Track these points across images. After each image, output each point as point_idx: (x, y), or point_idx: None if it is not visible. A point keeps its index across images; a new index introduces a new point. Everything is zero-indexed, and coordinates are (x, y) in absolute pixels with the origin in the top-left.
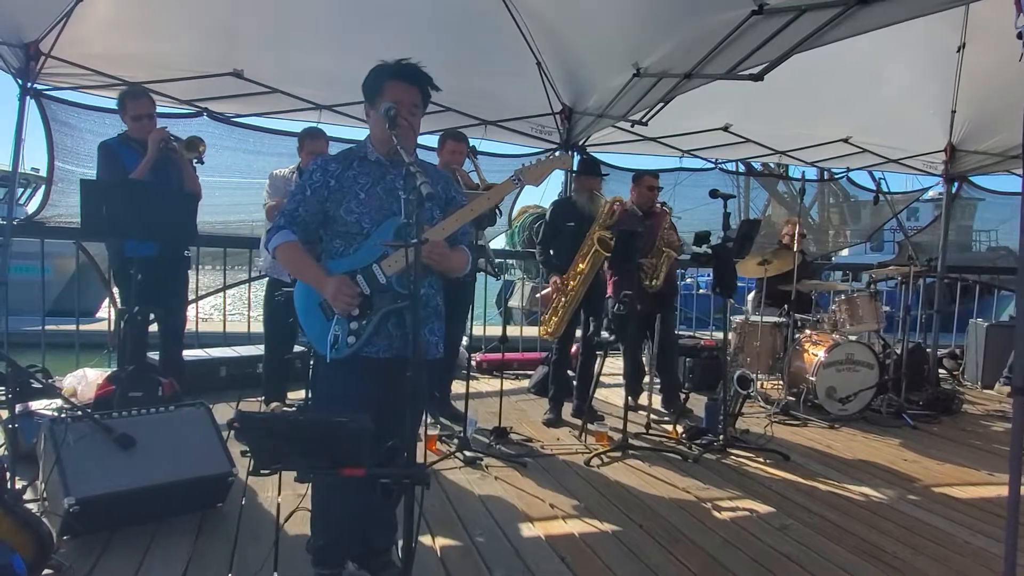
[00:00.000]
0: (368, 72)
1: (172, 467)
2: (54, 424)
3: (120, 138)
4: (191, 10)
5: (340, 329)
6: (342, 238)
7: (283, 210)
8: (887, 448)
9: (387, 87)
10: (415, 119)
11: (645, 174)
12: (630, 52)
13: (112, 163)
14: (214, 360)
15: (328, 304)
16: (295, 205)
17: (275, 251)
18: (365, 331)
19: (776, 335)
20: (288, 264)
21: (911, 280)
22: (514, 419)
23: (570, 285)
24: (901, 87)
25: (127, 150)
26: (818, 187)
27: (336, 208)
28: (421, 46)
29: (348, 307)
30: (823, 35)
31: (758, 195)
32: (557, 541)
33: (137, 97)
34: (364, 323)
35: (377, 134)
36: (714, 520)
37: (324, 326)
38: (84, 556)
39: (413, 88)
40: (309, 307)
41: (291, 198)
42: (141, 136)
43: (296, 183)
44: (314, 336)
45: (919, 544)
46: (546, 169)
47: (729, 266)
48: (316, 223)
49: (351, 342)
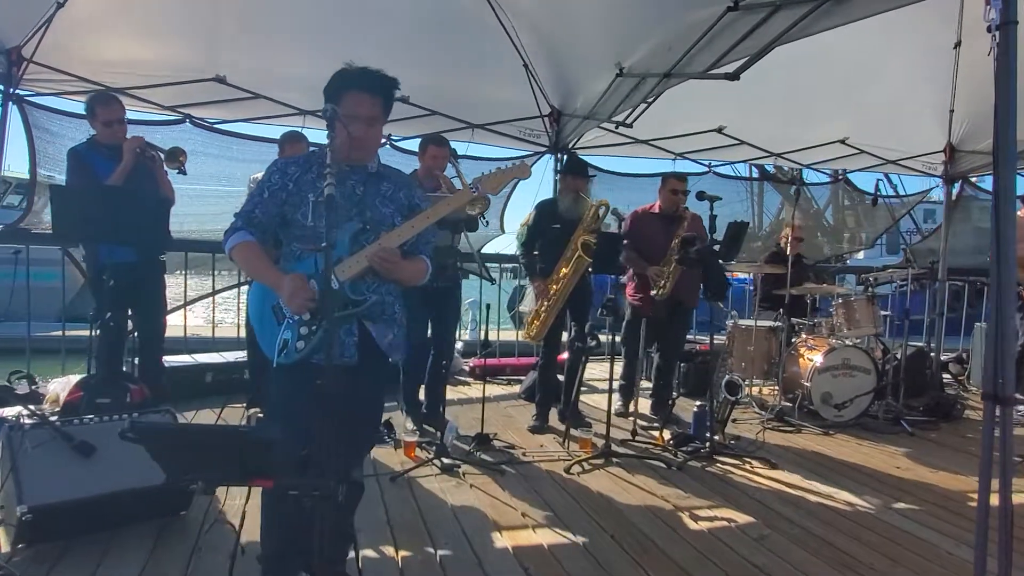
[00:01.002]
0: (331, 76)
1: (133, 474)
2: (12, 431)
3: (89, 143)
4: (173, 16)
5: (290, 334)
6: (299, 241)
7: (240, 211)
8: (880, 455)
9: (346, 97)
10: (373, 131)
11: (670, 176)
12: (613, 52)
13: (81, 169)
14: (200, 366)
15: (280, 308)
16: (252, 206)
17: (231, 252)
18: (315, 336)
19: (771, 339)
20: (244, 265)
21: (910, 283)
22: (500, 425)
23: (552, 289)
24: (898, 86)
25: (96, 155)
26: (832, 189)
27: (294, 211)
28: (406, 49)
29: (304, 308)
30: (800, 30)
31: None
32: (523, 551)
33: (107, 102)
34: (314, 328)
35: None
36: (689, 530)
37: (276, 330)
38: (37, 564)
39: (375, 99)
40: (262, 311)
41: (249, 199)
42: (111, 141)
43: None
44: (264, 341)
45: (900, 555)
46: (504, 178)
47: (717, 270)
48: (273, 225)
49: (300, 347)
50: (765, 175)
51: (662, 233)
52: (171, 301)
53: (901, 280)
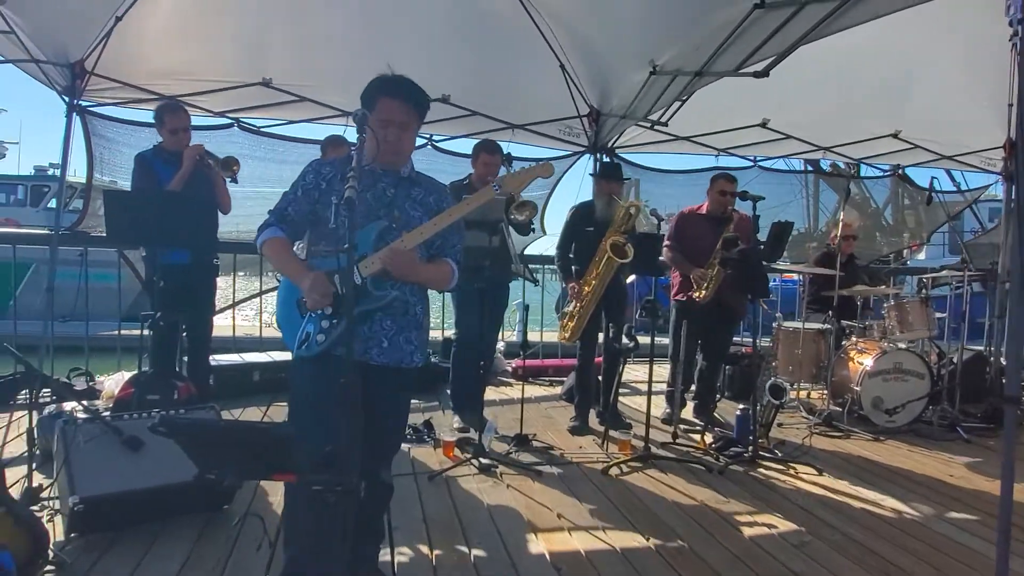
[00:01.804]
0: (368, 82)
1: (178, 469)
2: (66, 425)
3: (155, 150)
4: (222, 23)
5: (312, 327)
6: (327, 239)
7: (274, 208)
8: (933, 463)
9: (379, 103)
10: (407, 135)
11: (720, 177)
12: (646, 50)
13: (146, 174)
14: (248, 364)
15: (304, 302)
16: (285, 204)
17: (263, 247)
18: (336, 330)
19: (820, 342)
20: (273, 259)
21: (966, 284)
22: (540, 426)
23: (584, 291)
24: (953, 79)
25: (160, 161)
26: (891, 187)
27: (324, 211)
28: (447, 51)
29: (320, 302)
30: (826, 26)
31: (828, 197)
32: (557, 553)
33: (175, 111)
34: (335, 322)
35: (370, 148)
36: (727, 535)
37: (297, 323)
38: (87, 554)
39: (406, 106)
40: (288, 304)
41: (283, 197)
42: (176, 148)
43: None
44: (288, 333)
45: (946, 565)
46: (527, 177)
47: (759, 270)
48: (305, 223)
49: (320, 340)
50: (819, 171)
51: (710, 234)
52: (219, 302)
53: (957, 282)
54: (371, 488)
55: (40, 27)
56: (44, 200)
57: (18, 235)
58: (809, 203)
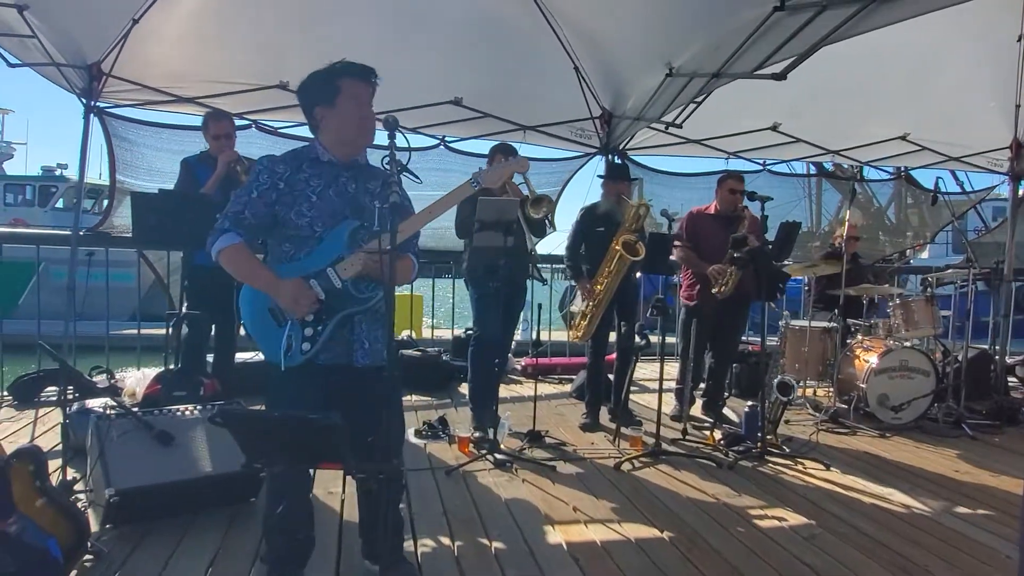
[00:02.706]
0: (306, 80)
1: (207, 463)
2: (99, 420)
3: (200, 156)
4: (239, 28)
5: (294, 335)
6: (292, 242)
7: (227, 212)
8: (940, 459)
9: (346, 85)
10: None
11: (729, 176)
12: (662, 52)
13: (188, 177)
14: (262, 362)
15: (279, 310)
16: (241, 207)
17: (219, 254)
18: (321, 337)
19: (826, 340)
20: (235, 268)
21: (971, 283)
22: (551, 423)
23: (597, 289)
24: (961, 80)
25: (203, 167)
26: (895, 187)
27: (287, 211)
28: (459, 53)
29: (303, 310)
30: (847, 30)
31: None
32: (575, 544)
33: (218, 118)
34: (320, 329)
35: (342, 135)
36: (739, 528)
37: (276, 332)
38: (122, 544)
39: (370, 88)
40: (257, 313)
41: (236, 200)
42: (218, 154)
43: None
44: (265, 344)
45: (956, 558)
46: (504, 172)
47: (768, 270)
48: (263, 226)
49: (306, 348)
50: (823, 172)
51: (720, 233)
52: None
53: (962, 280)
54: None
55: (59, 30)
56: (52, 200)
57: (41, 236)
58: (812, 203)
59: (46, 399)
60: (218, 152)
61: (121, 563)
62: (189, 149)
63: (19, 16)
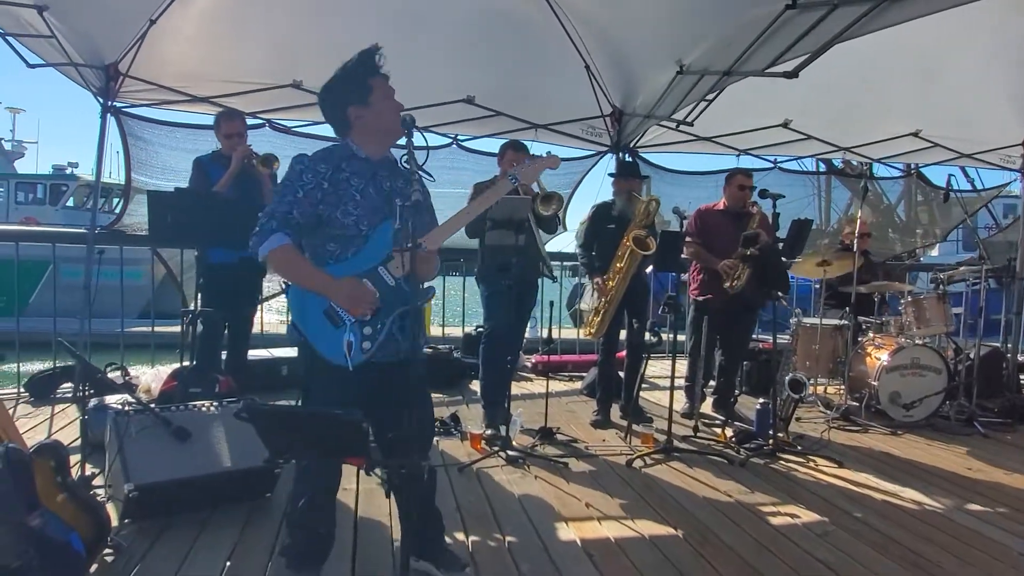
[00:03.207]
0: (337, 79)
1: (223, 458)
2: (118, 416)
3: (213, 155)
4: (253, 28)
5: (353, 335)
6: (336, 241)
7: (273, 212)
8: (951, 456)
9: (376, 83)
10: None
11: (737, 173)
12: (673, 50)
13: (200, 176)
14: (276, 360)
15: (334, 311)
16: (288, 207)
17: (269, 255)
18: (380, 335)
19: (838, 338)
20: (288, 269)
21: (983, 280)
22: (563, 420)
23: (609, 285)
24: (973, 77)
25: (216, 165)
26: (904, 184)
27: (332, 210)
28: (471, 52)
29: (363, 309)
30: (858, 28)
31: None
32: (588, 540)
33: (230, 117)
34: (379, 327)
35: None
36: (752, 524)
37: (334, 333)
38: (142, 538)
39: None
40: (309, 314)
41: (281, 200)
42: (230, 152)
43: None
44: (323, 344)
45: (968, 555)
46: (538, 168)
47: (779, 268)
48: (309, 226)
49: (367, 347)
50: (832, 169)
51: (729, 229)
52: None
53: (974, 278)
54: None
55: (78, 31)
56: (63, 199)
57: (57, 234)
58: (821, 200)
59: (62, 396)
60: (230, 151)
61: (141, 557)
62: (203, 148)
63: (39, 16)
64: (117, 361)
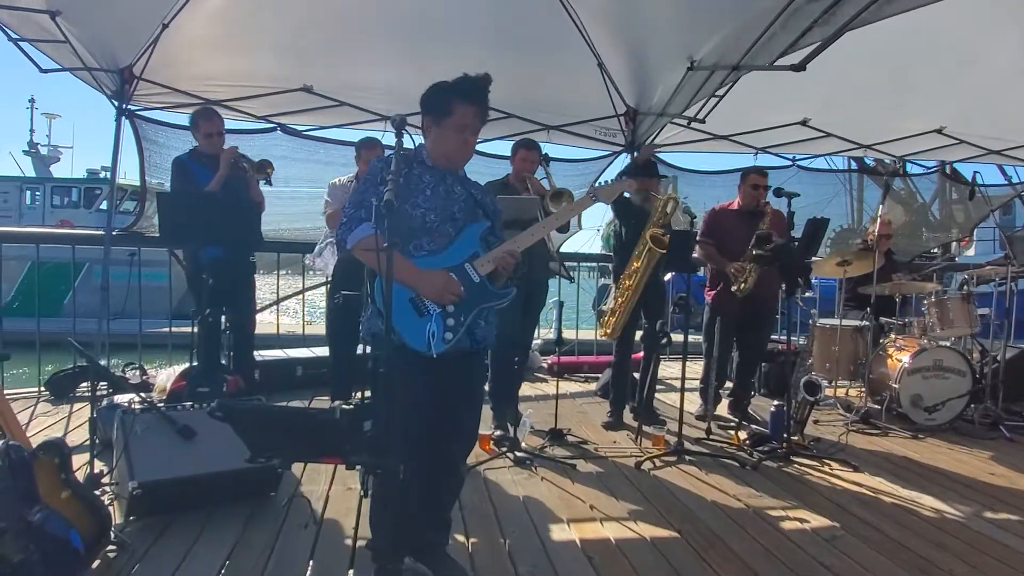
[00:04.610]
0: (432, 86)
1: (227, 457)
2: (124, 414)
3: (191, 153)
4: (266, 32)
5: (436, 326)
6: (418, 237)
7: (360, 203)
8: (974, 461)
9: (457, 109)
10: (474, 139)
11: (751, 172)
12: (685, 45)
13: (183, 176)
14: (291, 360)
15: (419, 301)
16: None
17: (360, 243)
18: (463, 326)
19: (858, 339)
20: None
21: (1009, 280)
22: (574, 421)
23: (626, 284)
24: (1000, 71)
25: (197, 164)
26: (939, 182)
27: (402, 203)
28: (482, 53)
29: (450, 300)
30: (870, 15)
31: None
32: (589, 542)
33: (209, 116)
34: (462, 319)
35: (442, 151)
36: (759, 528)
37: (417, 322)
38: (145, 535)
39: (482, 113)
40: (400, 306)
41: (363, 193)
42: (211, 152)
43: (363, 180)
44: (407, 332)
45: (983, 563)
46: (617, 190)
47: (793, 268)
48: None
49: (448, 338)
50: (864, 168)
51: (743, 229)
52: (263, 300)
53: (1001, 278)
54: (449, 479)
55: (92, 35)
56: (96, 202)
57: (75, 235)
58: (852, 200)
59: (81, 394)
60: (210, 149)
61: (143, 553)
62: None
63: (52, 22)
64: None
